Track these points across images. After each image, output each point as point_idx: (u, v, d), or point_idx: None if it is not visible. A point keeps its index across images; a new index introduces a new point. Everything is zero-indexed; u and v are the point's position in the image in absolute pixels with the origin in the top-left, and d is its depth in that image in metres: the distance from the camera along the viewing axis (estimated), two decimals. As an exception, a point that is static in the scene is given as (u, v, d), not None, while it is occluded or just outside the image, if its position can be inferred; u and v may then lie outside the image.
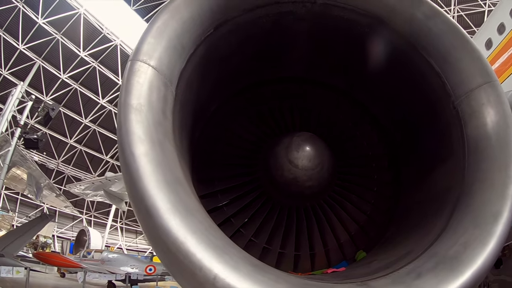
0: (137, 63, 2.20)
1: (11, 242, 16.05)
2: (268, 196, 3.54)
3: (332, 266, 3.43)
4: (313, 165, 3.20)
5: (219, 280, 1.71)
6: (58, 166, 43.74)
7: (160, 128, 2.10)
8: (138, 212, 1.91)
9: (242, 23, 2.83)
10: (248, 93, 3.76)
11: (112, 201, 22.51)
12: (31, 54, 37.26)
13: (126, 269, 23.34)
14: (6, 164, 11.41)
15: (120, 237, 50.92)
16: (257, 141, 3.79)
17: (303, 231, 3.56)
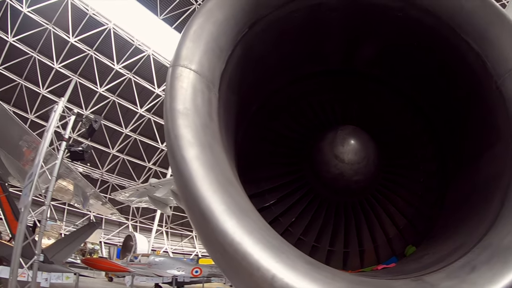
0: (179, 68, 2.21)
1: (60, 250, 16.52)
2: (316, 193, 3.47)
3: (381, 262, 3.36)
4: (359, 158, 3.13)
5: (277, 280, 1.69)
6: (102, 176, 45.05)
7: (208, 130, 2.11)
8: (193, 215, 1.91)
9: (275, 20, 2.80)
10: (287, 90, 3.70)
11: (157, 206, 22.87)
12: (67, 71, 38.77)
13: (172, 272, 23.63)
14: (54, 176, 11.75)
15: (166, 241, 51.73)
16: (300, 138, 3.71)
17: (352, 228, 3.49)
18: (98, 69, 39.63)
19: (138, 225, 49.10)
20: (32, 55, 37.32)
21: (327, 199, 3.52)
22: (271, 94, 3.63)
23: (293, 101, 3.80)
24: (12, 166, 16.57)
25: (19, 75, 38.09)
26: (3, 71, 36.72)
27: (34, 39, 36.49)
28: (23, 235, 11.01)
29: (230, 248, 1.74)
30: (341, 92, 3.83)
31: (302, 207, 3.46)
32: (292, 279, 1.70)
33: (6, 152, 15.85)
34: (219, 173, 1.96)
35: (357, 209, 3.54)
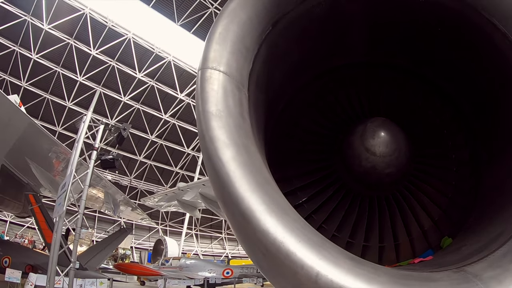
0: (208, 70, 2.22)
1: (94, 256, 16.77)
2: (348, 189, 3.44)
3: (417, 255, 3.30)
4: (390, 151, 3.07)
5: (321, 277, 1.68)
6: (130, 183, 45.81)
7: (242, 131, 2.11)
8: (232, 216, 1.91)
9: (296, 17, 2.80)
10: (312, 85, 3.68)
11: (186, 210, 22.97)
12: (91, 83, 39.62)
13: (204, 274, 23.83)
14: (86, 185, 12.00)
15: (196, 243, 52.14)
16: (329, 133, 3.68)
17: (386, 221, 3.45)
18: (121, 79, 40.37)
19: (167, 229, 49.66)
20: (56, 70, 38.34)
21: (360, 193, 3.49)
22: (297, 90, 3.64)
23: (319, 97, 3.80)
24: (43, 177, 16.98)
25: (45, 90, 39.20)
26: (29, 87, 37.79)
27: (57, 55, 37.53)
28: (58, 244, 11.24)
29: (272, 247, 1.74)
30: (366, 84, 3.81)
31: (334, 203, 3.45)
32: (337, 275, 1.70)
33: (37, 164, 16.24)
34: (256, 173, 1.97)
35: (390, 202, 3.51)
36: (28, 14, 34.63)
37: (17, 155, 15.71)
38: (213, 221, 51.45)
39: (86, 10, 35.96)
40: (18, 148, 15.29)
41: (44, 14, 34.58)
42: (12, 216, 37.77)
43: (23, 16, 34.45)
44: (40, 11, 34.52)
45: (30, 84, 37.84)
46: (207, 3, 35.99)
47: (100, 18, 36.80)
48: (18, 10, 34.08)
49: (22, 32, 35.32)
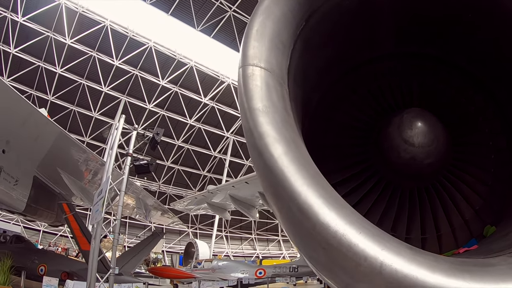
0: (249, 67, 2.23)
1: (128, 261, 16.82)
2: (387, 181, 3.42)
3: (460, 245, 3.27)
4: (429, 141, 3.05)
5: (385, 267, 1.67)
6: (159, 188, 46.27)
7: (288, 126, 2.12)
8: (288, 211, 1.88)
9: (328, 11, 2.81)
10: (345, 79, 3.69)
11: (216, 212, 23.16)
12: (115, 93, 40.49)
13: (236, 275, 23.65)
14: (122, 191, 12.09)
15: (226, 245, 52.46)
16: (363, 126, 3.67)
17: (427, 213, 3.41)
18: (144, 87, 40.98)
19: (198, 231, 50.16)
20: (81, 82, 39.32)
21: (399, 185, 3.47)
22: (330, 85, 3.66)
23: (352, 90, 3.80)
24: (75, 186, 17.32)
25: (71, 102, 40.29)
26: (55, 100, 38.92)
27: (80, 67, 38.46)
28: (98, 250, 11.37)
29: (334, 240, 1.73)
30: (398, 75, 3.80)
31: (375, 196, 3.44)
32: (401, 264, 1.69)
33: (69, 174, 16.63)
34: (308, 167, 1.98)
35: (430, 193, 3.47)
36: (50, 30, 35.66)
37: (49, 166, 16.10)
38: (243, 222, 51.61)
39: (107, 22, 36.73)
40: (49, 159, 15.67)
41: (66, 29, 35.54)
42: (45, 226, 39.05)
43: (45, 32, 35.50)
44: (61, 27, 35.47)
45: (57, 98, 38.98)
46: (225, 6, 36.19)
47: (121, 29, 37.54)
48: (40, 27, 35.15)
49: (46, 48, 36.42)
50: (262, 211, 21.03)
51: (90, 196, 18.99)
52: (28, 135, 14.04)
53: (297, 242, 2.10)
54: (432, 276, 1.70)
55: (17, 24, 34.18)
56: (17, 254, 16.27)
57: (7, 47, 35.06)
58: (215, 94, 43.39)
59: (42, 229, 40.83)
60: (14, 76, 33.62)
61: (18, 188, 14.80)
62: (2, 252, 15.98)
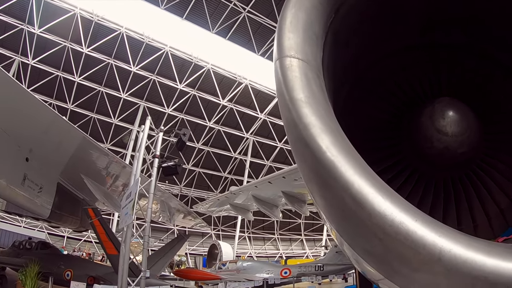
0: (287, 59, 2.20)
1: (154, 264, 16.86)
2: (421, 173, 3.38)
3: (497, 235, 3.20)
4: (461, 129, 3.01)
5: (444, 254, 1.65)
6: (181, 191, 46.70)
7: (331, 116, 2.09)
8: (341, 203, 1.83)
9: (356, 2, 2.80)
10: (372, 71, 3.65)
11: (239, 213, 23.04)
12: (134, 99, 41.05)
13: (262, 275, 23.62)
14: (151, 193, 12.01)
15: (249, 245, 52.57)
16: (392, 118, 3.63)
17: (462, 203, 3.35)
18: (162, 92, 41.34)
19: (220, 233, 50.27)
20: (99, 90, 39.97)
21: (433, 176, 3.42)
22: (358, 78, 3.63)
23: (379, 82, 3.77)
24: (98, 192, 17.43)
25: (91, 110, 40.98)
26: (75, 108, 39.70)
27: (98, 75, 39.11)
28: (128, 254, 11.36)
29: (391, 229, 1.69)
30: (425, 65, 3.75)
31: (410, 187, 3.39)
32: (459, 250, 1.67)
33: (92, 179, 16.76)
34: (356, 157, 1.94)
35: (464, 183, 3.41)
36: (67, 40, 36.44)
37: (72, 172, 16.27)
38: (265, 223, 51.63)
39: (122, 29, 37.24)
40: (73, 165, 15.85)
41: (82, 38, 36.17)
42: (69, 232, 39.79)
43: (62, 42, 36.29)
44: (78, 36, 36.13)
45: (76, 106, 39.76)
46: (239, 8, 36.26)
47: (136, 35, 38.01)
48: (57, 38, 35.96)
49: (63, 58, 37.18)
50: (284, 210, 20.88)
51: (113, 201, 19.19)
52: (51, 142, 14.20)
53: (349, 235, 2.05)
54: (489, 260, 1.66)
55: (34, 35, 35.01)
56: (43, 260, 16.55)
57: (26, 59, 35.91)
58: (233, 96, 43.49)
59: (66, 235, 41.64)
60: (33, 87, 34.11)
61: (43, 195, 14.98)
62: (29, 258, 16.25)
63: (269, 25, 37.32)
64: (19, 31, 34.57)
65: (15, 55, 35.80)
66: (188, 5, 35.59)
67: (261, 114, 45.37)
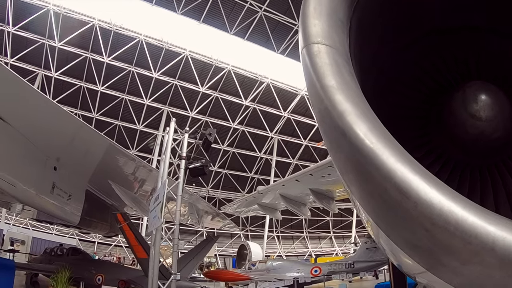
0: (314, 46, 2.13)
1: (184, 266, 16.76)
2: (456, 161, 3.24)
3: None
4: (496, 113, 2.88)
5: (498, 243, 1.55)
6: (208, 193, 46.63)
7: (365, 103, 2.01)
8: (382, 193, 1.74)
9: None
10: (398, 57, 3.56)
11: (267, 212, 22.97)
12: (157, 104, 41.65)
13: (292, 274, 23.39)
14: (179, 195, 12.02)
15: (278, 245, 52.52)
16: (420, 105, 3.52)
17: (500, 191, 3.17)
18: (185, 95, 41.72)
19: (249, 233, 50.44)
20: (122, 97, 40.75)
21: (468, 164, 3.27)
22: (383, 64, 3.53)
23: (406, 69, 3.65)
24: (127, 197, 17.66)
25: (115, 118, 41.79)
26: (100, 117, 40.55)
27: (121, 83, 39.84)
28: (158, 257, 11.39)
29: (439, 219, 1.60)
30: (452, 50, 3.60)
31: (445, 176, 3.23)
32: None
33: (120, 185, 16.97)
34: (395, 144, 1.85)
35: (501, 169, 3.24)
36: (88, 51, 37.40)
37: (100, 179, 16.55)
38: (293, 221, 51.49)
39: (141, 37, 37.84)
40: (100, 172, 16.11)
41: (102, 48, 36.96)
42: (99, 237, 40.69)
43: (83, 53, 37.30)
44: (98, 46, 36.99)
45: (101, 115, 40.62)
46: (255, 7, 36.30)
47: (155, 41, 38.52)
48: (78, 49, 37.02)
49: (85, 68, 38.17)
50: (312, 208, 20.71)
51: (142, 206, 19.41)
52: (77, 150, 14.48)
53: (390, 226, 1.94)
54: None
55: (55, 49, 36.19)
56: (74, 266, 16.91)
57: (49, 72, 37.13)
58: (256, 96, 43.47)
59: (96, 241, 42.69)
60: (58, 98, 34.94)
61: (72, 202, 15.30)
62: (60, 264, 16.58)
63: (286, 23, 37.23)
64: (40, 45, 35.79)
65: (38, 69, 37.05)
66: (204, 9, 35.89)
67: (284, 112, 45.17)
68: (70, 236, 38.79)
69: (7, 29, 34.07)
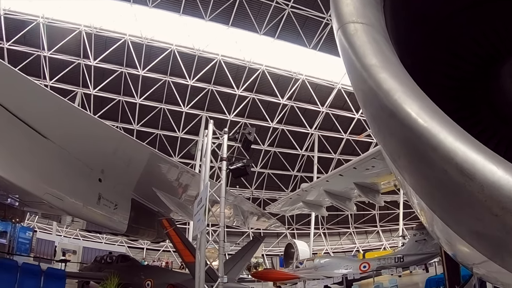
0: (350, 25, 2.03)
1: (231, 268, 16.91)
2: (494, 131, 3.08)
3: None
4: None
5: None
6: (252, 194, 47.21)
7: (411, 80, 1.89)
8: (442, 176, 1.61)
9: None
10: (438, 31, 3.38)
11: (312, 209, 22.64)
12: (195, 111, 42.32)
13: (340, 271, 23.19)
14: (223, 197, 11.99)
15: (325, 242, 52.21)
16: (462, 84, 3.36)
17: None
18: (222, 99, 42.13)
19: (295, 232, 50.36)
20: (161, 107, 41.71)
21: None
22: (420, 42, 3.34)
23: (444, 47, 3.45)
24: (171, 203, 17.89)
25: (155, 127, 42.89)
26: (140, 128, 41.78)
27: (158, 94, 40.84)
28: (204, 260, 11.41)
29: (509, 200, 1.42)
30: (492, 22, 3.38)
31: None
32: None
33: (164, 192, 17.26)
34: (450, 121, 1.70)
35: None
36: (122, 66, 38.75)
37: (144, 187, 16.92)
38: (339, 217, 50.96)
39: (172, 47, 38.56)
40: (144, 181, 16.49)
41: (136, 61, 38.12)
42: (147, 243, 41.90)
43: (119, 69, 38.68)
44: (132, 61, 38.17)
45: (141, 126, 41.83)
46: (282, 5, 36.16)
47: (187, 50, 39.13)
48: (113, 66, 38.42)
49: (122, 83, 39.55)
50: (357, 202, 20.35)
51: (187, 210, 19.67)
52: (121, 161, 14.91)
53: (449, 213, 1.80)
54: None
55: (91, 67, 37.90)
56: (124, 272, 17.45)
57: (87, 90, 38.88)
58: (292, 93, 43.16)
59: (145, 247, 44.19)
60: (98, 114, 36.12)
61: (118, 211, 15.81)
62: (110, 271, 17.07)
63: (315, 17, 36.83)
64: (77, 65, 37.67)
65: (77, 88, 38.92)
66: (231, 12, 36.20)
67: (322, 107, 44.56)
68: (119, 244, 40.31)
69: (43, 53, 36.10)
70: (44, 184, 12.29)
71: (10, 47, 35.01)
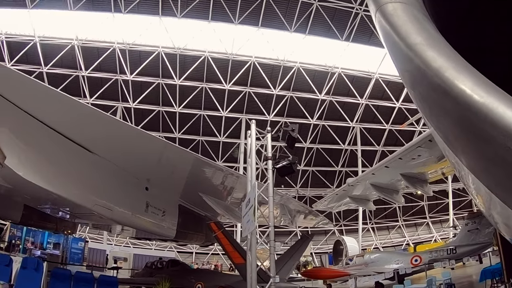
0: (388, 5, 1.99)
1: (281, 268, 16.81)
2: None
3: None
4: None
5: None
6: (298, 192, 47.19)
7: (459, 56, 1.80)
8: (504, 152, 1.53)
9: None
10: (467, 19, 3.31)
11: (359, 204, 22.51)
12: (234, 114, 42.86)
13: (391, 266, 22.45)
14: (271, 196, 11.85)
15: (373, 236, 51.34)
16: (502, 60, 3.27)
17: None
18: (260, 101, 42.23)
19: (343, 228, 49.94)
20: (200, 114, 42.50)
21: None
22: (461, 20, 3.25)
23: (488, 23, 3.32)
24: (218, 206, 18.07)
25: (196, 134, 43.76)
26: (182, 136, 42.69)
27: (196, 101, 41.59)
28: (255, 261, 11.43)
29: None
30: None
31: None
32: None
33: (210, 196, 17.44)
34: (507, 95, 1.61)
35: None
36: (159, 77, 39.91)
37: (190, 193, 17.22)
38: (387, 211, 49.88)
39: (205, 53, 39.12)
40: (190, 186, 16.77)
41: (172, 72, 39.04)
42: (196, 247, 42.69)
43: (155, 80, 39.87)
44: (167, 71, 39.14)
45: (183, 133, 42.77)
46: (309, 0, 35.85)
47: (220, 55, 39.56)
48: (149, 78, 39.65)
49: (160, 94, 40.82)
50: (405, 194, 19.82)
51: (234, 213, 19.81)
52: (165, 169, 15.24)
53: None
54: None
55: (128, 82, 39.46)
56: (174, 276, 17.90)
57: (127, 104, 40.54)
58: (330, 88, 42.60)
59: (194, 251, 45.26)
60: (140, 125, 37.14)
61: (167, 218, 16.19)
62: (161, 276, 17.44)
63: (344, 8, 36.23)
64: (115, 81, 39.42)
65: (117, 103, 40.67)
66: (259, 13, 36.32)
67: (361, 99, 43.64)
68: (169, 249, 41.35)
69: (81, 73, 38.21)
70: (93, 196, 12.96)
71: (49, 70, 37.26)
